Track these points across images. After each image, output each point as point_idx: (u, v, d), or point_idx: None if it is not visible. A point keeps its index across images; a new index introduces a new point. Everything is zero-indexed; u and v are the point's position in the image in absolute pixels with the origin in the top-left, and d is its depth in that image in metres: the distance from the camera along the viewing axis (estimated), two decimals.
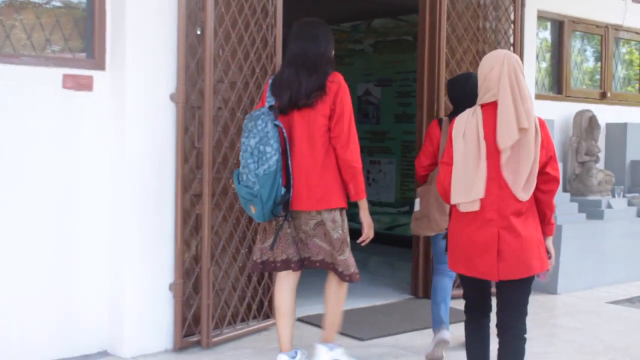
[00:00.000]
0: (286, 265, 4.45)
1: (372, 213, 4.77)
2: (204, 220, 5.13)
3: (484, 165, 3.68)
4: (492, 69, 3.74)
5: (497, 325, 3.86)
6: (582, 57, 8.79)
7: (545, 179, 3.76)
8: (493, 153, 3.70)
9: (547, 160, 3.74)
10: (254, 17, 5.47)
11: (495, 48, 7.03)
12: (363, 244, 4.53)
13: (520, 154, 3.65)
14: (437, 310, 5.12)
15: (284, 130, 4.28)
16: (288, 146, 4.30)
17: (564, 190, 7.82)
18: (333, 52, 4.51)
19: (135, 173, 5.00)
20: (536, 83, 7.77)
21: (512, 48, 7.02)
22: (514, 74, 3.72)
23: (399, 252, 8.83)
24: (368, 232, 4.53)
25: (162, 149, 5.08)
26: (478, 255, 3.71)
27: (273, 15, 5.60)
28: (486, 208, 3.69)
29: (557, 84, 8.33)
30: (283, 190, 4.24)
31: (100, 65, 5.02)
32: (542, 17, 7.87)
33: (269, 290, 5.65)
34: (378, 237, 5.17)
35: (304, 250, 4.45)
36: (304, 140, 4.33)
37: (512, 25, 7.07)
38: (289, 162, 4.31)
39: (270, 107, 4.30)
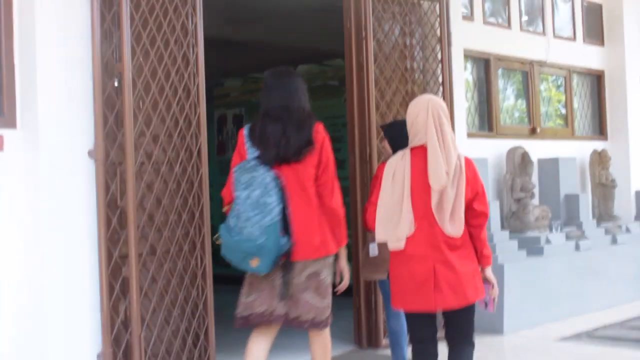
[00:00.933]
0: (268, 317, 4.26)
1: None
2: (132, 283, 4.81)
3: (408, 206, 3.94)
4: (418, 114, 4.02)
5: (448, 346, 4.15)
6: (508, 94, 8.78)
7: (472, 214, 4.02)
8: (421, 193, 3.96)
9: (473, 197, 4.01)
10: (175, 66, 5.23)
11: (425, 88, 6.93)
12: (339, 293, 4.50)
13: (442, 194, 3.92)
14: (402, 354, 5.15)
15: (281, 181, 4.20)
16: (286, 196, 4.20)
17: (502, 228, 7.70)
18: None
19: (53, 237, 4.67)
20: (467, 121, 7.66)
21: (441, 87, 6.92)
22: (437, 119, 4.00)
23: (334, 301, 8.52)
24: (347, 280, 4.52)
25: (81, 210, 4.76)
26: (416, 289, 3.95)
27: (195, 63, 5.36)
28: (420, 245, 3.94)
29: (488, 121, 8.26)
30: (283, 239, 4.13)
31: (11, 124, 4.69)
32: (468, 55, 7.81)
33: (206, 352, 5.31)
34: None
35: (293, 309, 4.26)
36: (296, 191, 4.25)
37: (440, 65, 6.98)
38: (286, 212, 4.21)
39: (257, 158, 4.21)
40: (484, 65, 8.26)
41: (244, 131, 4.35)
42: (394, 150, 5.07)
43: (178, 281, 5.19)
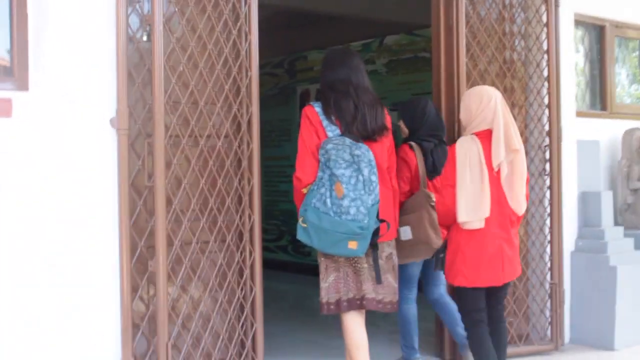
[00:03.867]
0: (360, 303, 4.16)
1: None
2: (159, 279, 3.98)
3: (487, 188, 4.18)
4: (490, 101, 4.28)
5: (489, 318, 4.41)
6: (628, 68, 7.55)
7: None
8: (492, 176, 4.22)
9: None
10: (221, 21, 4.36)
11: (527, 55, 5.88)
12: None
13: (515, 173, 4.25)
14: (412, 341, 5.12)
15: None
16: None
17: (616, 223, 6.55)
18: None
19: (68, 221, 3.87)
20: (576, 98, 6.53)
21: (545, 56, 5.84)
22: (504, 105, 4.33)
23: None
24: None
25: (101, 189, 3.96)
26: (487, 265, 4.22)
27: (247, 18, 4.47)
28: (490, 224, 4.20)
29: (601, 98, 7.09)
30: (377, 220, 4.03)
31: (22, 85, 3.90)
32: (578, 21, 6.66)
33: None
34: None
35: (379, 291, 4.19)
36: (379, 171, 4.15)
37: (545, 29, 5.89)
38: None
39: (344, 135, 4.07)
40: (597, 32, 7.08)
41: (316, 109, 4.12)
42: (411, 131, 4.98)
43: (220, 279, 4.36)
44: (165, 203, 4.00)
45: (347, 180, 3.92)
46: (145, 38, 4.05)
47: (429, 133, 4.92)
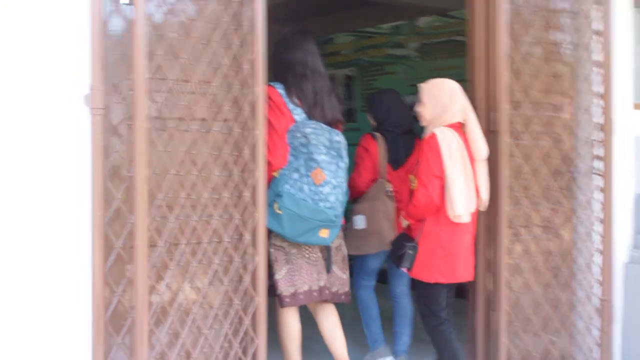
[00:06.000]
0: (318, 294, 4.16)
1: None
2: (137, 287, 3.35)
3: (472, 181, 4.17)
4: (461, 94, 4.28)
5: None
6: None
7: None
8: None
9: None
10: None
11: (575, 37, 5.16)
12: None
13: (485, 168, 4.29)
14: (376, 327, 4.99)
15: None
16: None
17: None
18: None
19: (34, 218, 3.29)
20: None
21: (596, 37, 5.12)
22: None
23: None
24: None
25: (72, 181, 3.35)
26: (463, 259, 4.17)
27: None
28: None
29: None
30: None
31: None
32: None
33: None
34: None
35: (330, 282, 4.23)
36: None
37: (597, 6, 5.17)
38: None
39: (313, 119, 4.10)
40: None
41: (279, 90, 4.07)
42: (378, 122, 5.09)
43: (214, 287, 3.73)
44: (146, 197, 3.37)
45: (327, 167, 3.89)
46: (124, 1, 3.41)
47: (394, 124, 5.03)
